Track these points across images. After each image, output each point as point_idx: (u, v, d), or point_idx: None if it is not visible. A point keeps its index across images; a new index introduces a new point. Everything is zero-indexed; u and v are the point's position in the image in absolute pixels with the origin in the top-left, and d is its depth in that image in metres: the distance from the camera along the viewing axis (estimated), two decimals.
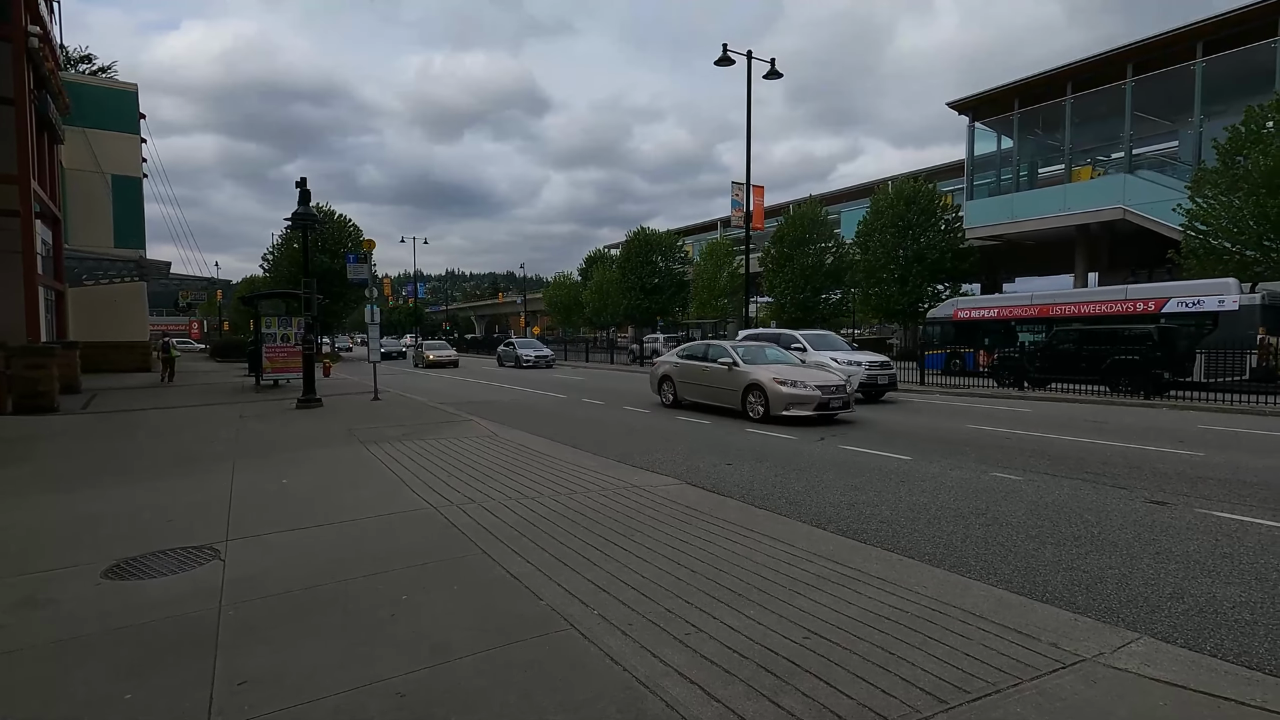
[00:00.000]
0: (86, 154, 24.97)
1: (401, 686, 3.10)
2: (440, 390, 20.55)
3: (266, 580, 4.46)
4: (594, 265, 61.79)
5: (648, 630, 3.65)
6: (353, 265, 15.90)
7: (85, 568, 4.73)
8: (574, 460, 8.67)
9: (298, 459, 8.63)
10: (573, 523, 5.74)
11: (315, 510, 6.19)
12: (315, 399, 14.33)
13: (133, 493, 6.94)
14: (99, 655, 3.47)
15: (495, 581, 4.41)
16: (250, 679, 3.18)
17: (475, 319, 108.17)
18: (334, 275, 37.55)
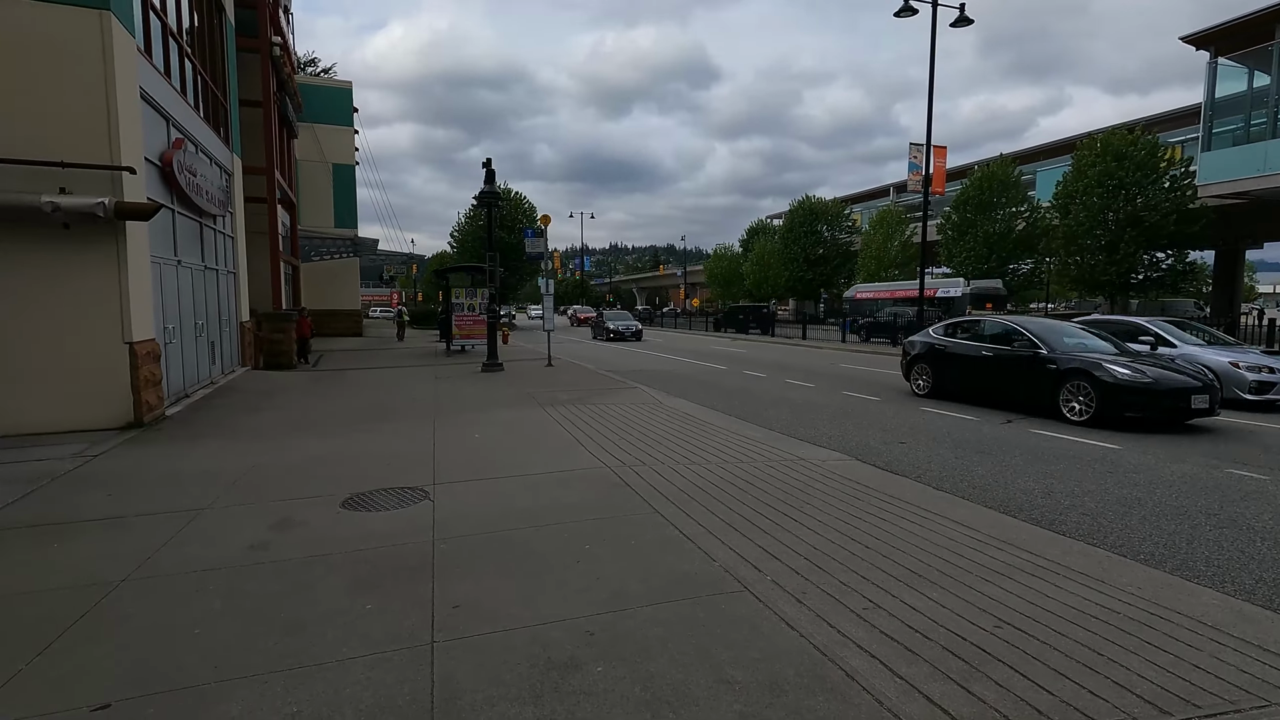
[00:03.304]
0: (313, 146, 28.76)
1: (588, 626, 3.36)
2: (605, 359, 21.46)
3: (467, 521, 5.00)
4: (755, 236, 60.72)
5: (823, 601, 3.63)
6: (530, 240, 16.97)
7: (326, 499, 5.59)
8: (737, 430, 8.71)
9: (486, 417, 9.49)
10: (741, 490, 5.79)
11: (503, 463, 6.80)
12: (497, 364, 15.60)
13: (355, 438, 8.04)
14: (341, 571, 4.11)
15: (668, 540, 4.59)
16: (461, 604, 3.61)
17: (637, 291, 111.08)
18: (510, 249, 40.32)
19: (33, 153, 7.80)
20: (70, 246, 8.16)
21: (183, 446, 7.65)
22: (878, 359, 21.14)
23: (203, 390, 11.92)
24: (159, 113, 10.23)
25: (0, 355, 7.94)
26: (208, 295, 12.89)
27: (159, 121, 10.29)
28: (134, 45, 8.89)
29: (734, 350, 25.19)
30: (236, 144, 15.68)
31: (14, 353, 8.00)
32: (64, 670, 3.02)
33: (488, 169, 15.40)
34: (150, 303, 9.29)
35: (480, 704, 2.72)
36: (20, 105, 7.78)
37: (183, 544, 4.56)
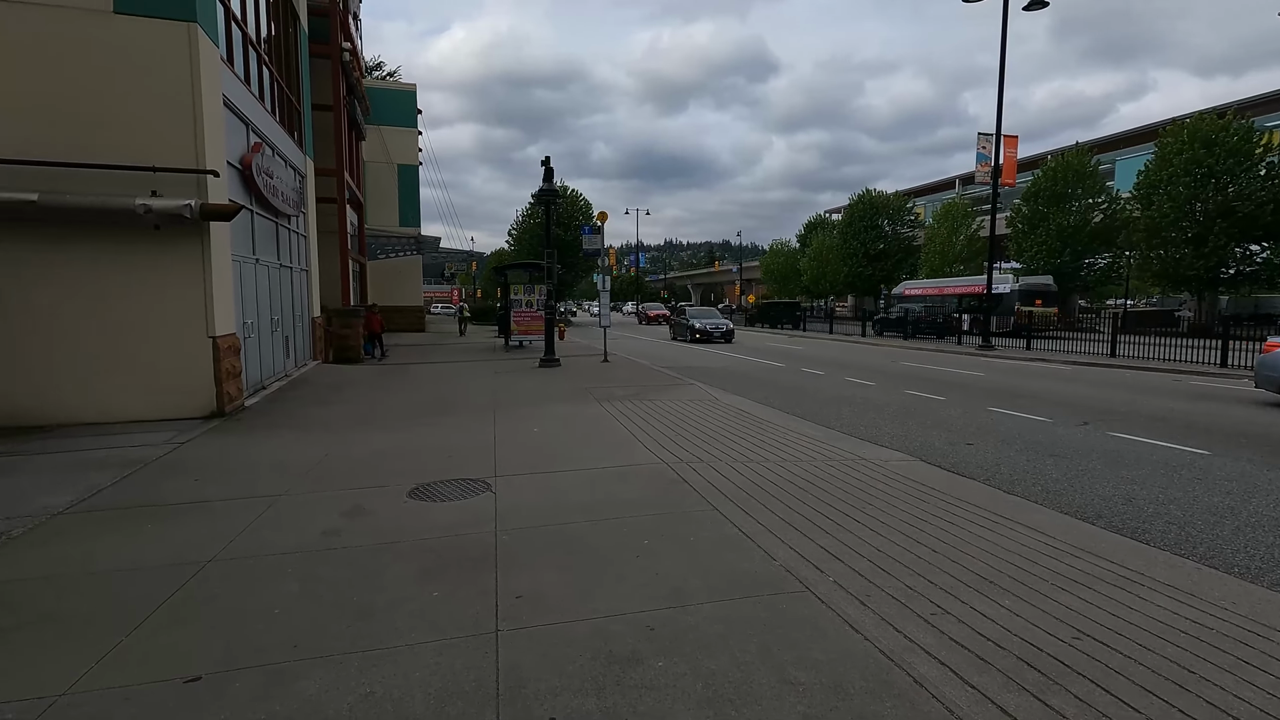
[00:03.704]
0: (379, 147, 29.74)
1: (649, 621, 3.37)
2: (660, 355, 21.47)
3: (527, 513, 5.08)
4: (813, 232, 59.59)
5: (888, 604, 3.54)
6: (587, 236, 17.10)
7: (393, 489, 5.78)
8: (796, 428, 8.58)
9: (544, 412, 9.63)
10: (800, 489, 5.71)
11: (562, 457, 6.89)
12: (554, 359, 15.81)
13: (419, 431, 8.29)
14: (408, 559, 4.25)
15: (727, 538, 4.56)
16: (523, 595, 3.68)
17: (691, 287, 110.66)
18: (567, 246, 40.79)
19: (128, 158, 8.32)
20: (160, 246, 8.67)
21: (260, 436, 8.04)
22: (941, 356, 20.45)
23: (278, 383, 12.50)
24: (239, 118, 10.76)
25: (100, 349, 8.53)
26: (283, 292, 13.50)
27: (239, 126, 10.82)
28: (218, 55, 9.37)
29: (791, 347, 24.82)
30: (309, 146, 16.35)
31: (112, 346, 8.57)
32: (159, 643, 3.22)
33: (546, 167, 15.59)
34: (231, 299, 9.80)
35: (544, 693, 2.77)
36: (117, 114, 8.31)
37: (262, 529, 4.80)
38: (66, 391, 8.45)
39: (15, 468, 6.52)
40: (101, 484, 5.93)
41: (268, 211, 12.31)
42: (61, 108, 8.12)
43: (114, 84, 8.30)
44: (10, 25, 7.92)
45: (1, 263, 8.12)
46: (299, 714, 2.65)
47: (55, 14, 8.05)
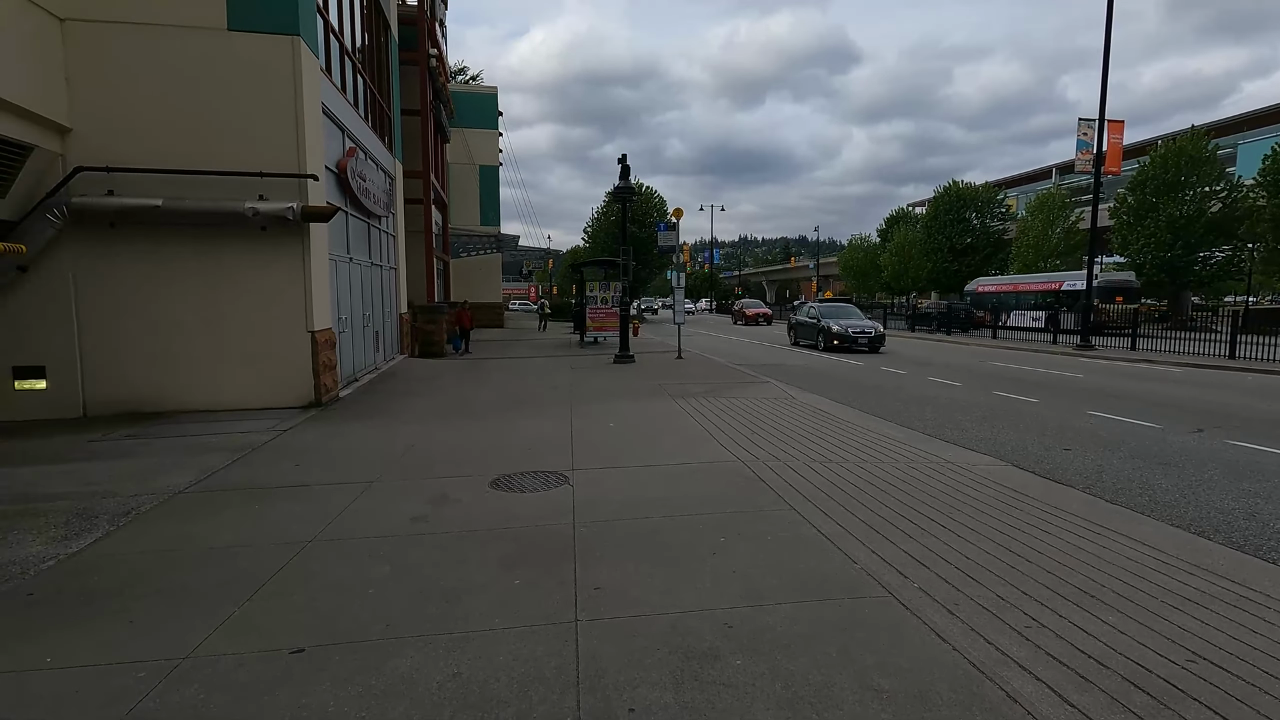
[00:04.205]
0: (462, 149, 30.77)
1: (726, 619, 3.36)
2: (735, 352, 21.27)
3: (605, 507, 5.16)
4: (895, 226, 57.49)
5: (978, 614, 3.39)
6: (663, 233, 17.15)
7: (475, 479, 5.99)
8: (876, 429, 8.33)
9: (619, 407, 9.73)
10: (882, 491, 5.54)
11: (637, 452, 6.95)
12: (629, 355, 15.94)
13: (499, 423, 8.54)
14: (490, 546, 4.39)
15: (805, 539, 4.49)
16: (602, 587, 3.74)
17: (766, 284, 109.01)
18: (641, 243, 41.00)
19: (239, 165, 8.95)
20: (265, 246, 9.29)
21: (354, 425, 8.50)
22: (1034, 356, 19.34)
23: (368, 375, 13.16)
24: (335, 124, 11.37)
25: (211, 342, 9.23)
26: (374, 289, 14.20)
27: (336, 132, 11.44)
28: (318, 66, 9.94)
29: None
30: (398, 150, 17.10)
31: (221, 340, 9.25)
32: (267, 615, 3.47)
33: (623, 165, 15.72)
34: (328, 295, 10.39)
35: (623, 685, 2.81)
36: (229, 124, 8.96)
37: (357, 512, 5.08)
38: (181, 381, 9.18)
39: (142, 450, 7.15)
40: (215, 466, 6.42)
41: (360, 212, 12.96)
42: (181, 120, 8.82)
43: (227, 96, 8.94)
44: (138, 47, 8.66)
45: (129, 262, 8.90)
46: (393, 690, 2.79)
47: (177, 33, 8.75)
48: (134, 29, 8.64)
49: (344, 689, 2.79)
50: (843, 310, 23.44)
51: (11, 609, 3.57)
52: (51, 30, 8.26)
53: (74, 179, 8.45)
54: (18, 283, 8.58)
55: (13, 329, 8.64)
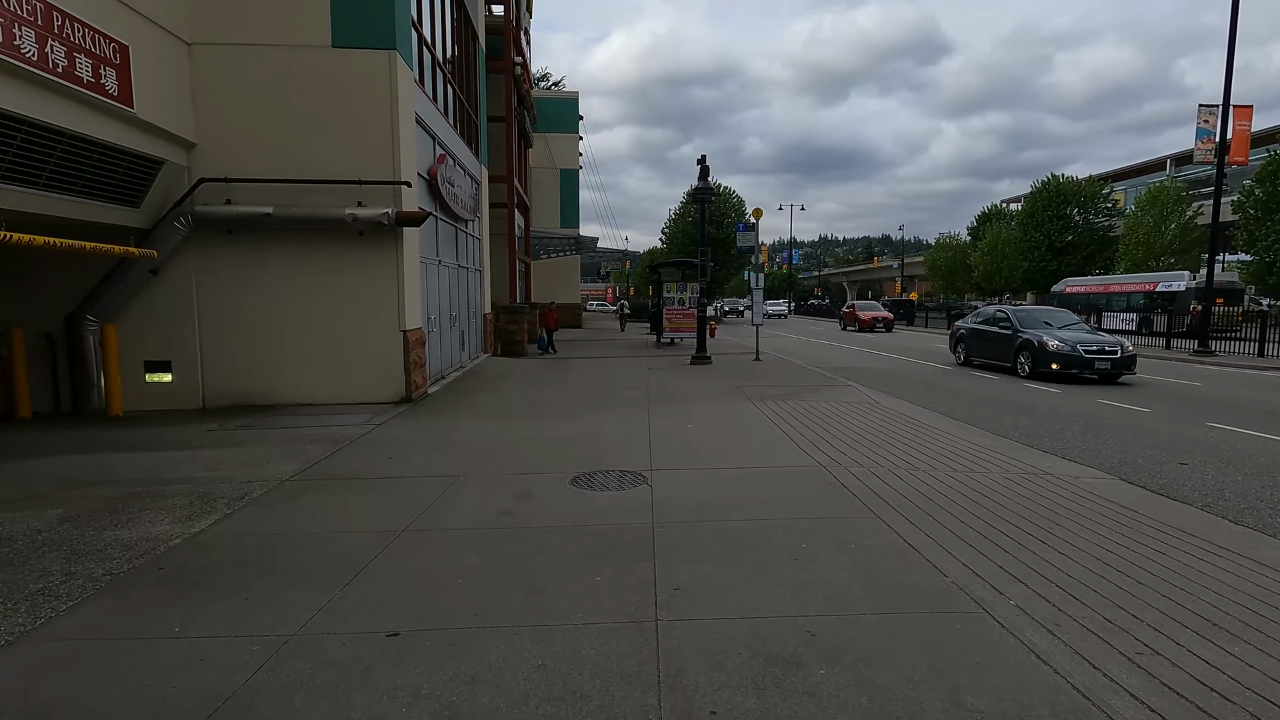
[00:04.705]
0: (544, 153, 31.52)
1: (808, 626, 3.30)
2: (813, 354, 20.82)
3: (683, 508, 5.17)
4: (986, 223, 54.73)
5: (1082, 637, 3.19)
6: (741, 234, 17.00)
7: (556, 475, 6.12)
8: (965, 436, 7.96)
9: (696, 408, 9.71)
10: (973, 502, 5.29)
11: (715, 454, 6.92)
12: (706, 357, 15.89)
13: (579, 421, 8.70)
14: (571, 542, 4.49)
15: (891, 548, 4.34)
16: (681, 587, 3.75)
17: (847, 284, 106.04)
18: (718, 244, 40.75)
19: (340, 173, 9.51)
20: (362, 250, 9.82)
21: (442, 420, 8.86)
22: (1146, 363, 17.95)
23: (454, 373, 13.69)
24: (427, 132, 11.89)
25: (313, 340, 9.84)
26: (460, 290, 14.76)
27: (427, 140, 11.96)
28: (412, 77, 10.43)
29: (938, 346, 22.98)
30: (484, 155, 17.70)
31: (322, 338, 9.85)
32: (365, 599, 3.67)
33: (702, 165, 15.68)
34: (419, 296, 10.88)
35: (704, 686, 2.81)
36: (331, 134, 9.53)
37: (446, 505, 5.30)
38: (286, 376, 9.83)
39: (253, 439, 7.72)
40: (317, 457, 6.85)
41: (449, 217, 13.49)
42: (289, 131, 9.46)
43: (330, 108, 9.51)
44: (253, 65, 9.34)
45: (242, 265, 9.62)
46: (481, 676, 2.90)
47: (287, 52, 9.38)
48: (250, 49, 9.32)
49: (436, 673, 2.92)
50: (1053, 317, 15.76)
51: (145, 582, 3.93)
52: (181, 54, 9.04)
53: (198, 189, 9.22)
54: (149, 285, 9.43)
55: (144, 327, 9.51)
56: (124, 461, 6.73)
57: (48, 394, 9.43)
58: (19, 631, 3.33)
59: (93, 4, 7.29)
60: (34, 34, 6.40)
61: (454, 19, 14.58)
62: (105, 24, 7.40)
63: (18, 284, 9.21)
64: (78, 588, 3.83)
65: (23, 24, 6.28)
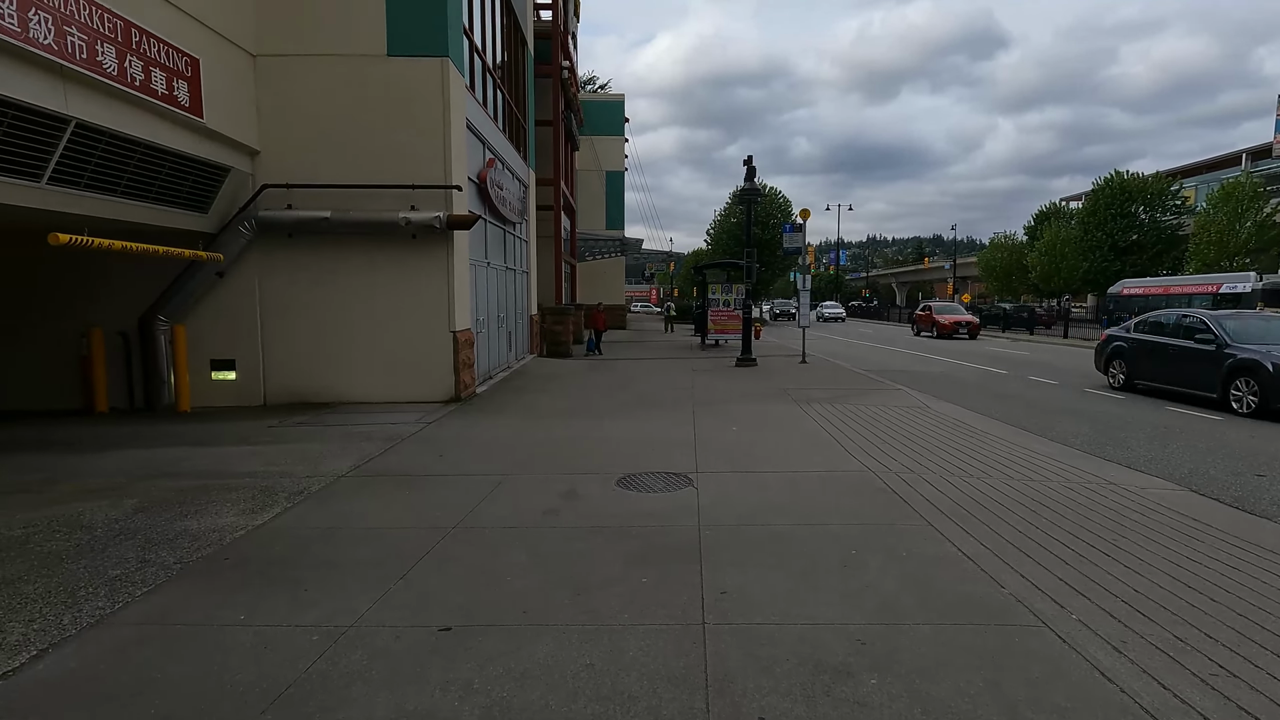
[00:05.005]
0: (590, 156, 31.78)
1: (859, 634, 3.25)
2: (861, 357, 20.44)
3: (729, 511, 5.14)
4: (1044, 223, 52.73)
5: (1150, 655, 3.05)
6: (788, 234, 16.82)
7: (602, 476, 6.16)
8: (1023, 443, 7.70)
9: (742, 410, 9.65)
10: (1031, 511, 5.11)
11: (761, 457, 6.86)
12: (751, 359, 15.76)
13: (624, 422, 8.73)
14: (617, 543, 4.51)
15: (944, 557, 4.23)
16: (728, 591, 3.74)
17: (896, 286, 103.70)
18: (763, 245, 40.39)
19: (394, 178, 9.78)
20: (414, 253, 10.08)
21: (490, 420, 9.02)
22: None
23: (501, 373, 13.91)
24: (477, 137, 12.12)
25: (366, 340, 10.13)
26: (507, 292, 14.99)
27: (477, 145, 12.19)
28: (463, 84, 10.66)
29: (1014, 353, 22.24)
30: (532, 159, 17.94)
31: (375, 338, 10.14)
32: (418, 593, 3.76)
33: (749, 166, 15.57)
34: (469, 298, 11.10)
35: (751, 692, 2.79)
36: (386, 140, 9.81)
37: (494, 503, 5.39)
38: (341, 375, 10.15)
39: (311, 436, 7.99)
40: (371, 454, 7.05)
41: (497, 219, 13.72)
42: (346, 138, 9.77)
43: (384, 115, 9.79)
44: (312, 75, 9.69)
45: (300, 268, 9.97)
46: (530, 673, 2.94)
47: (344, 61, 9.70)
48: (309, 60, 9.67)
49: (487, 668, 2.98)
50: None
51: (214, 570, 4.12)
52: (246, 66, 9.43)
53: (261, 195, 9.60)
54: (215, 286, 9.87)
55: (211, 327, 9.95)
56: (192, 455, 7.06)
57: (123, 390, 9.96)
58: (100, 614, 3.53)
59: (168, 20, 7.68)
60: (114, 50, 6.78)
61: (503, 25, 14.83)
62: (179, 39, 7.78)
63: (97, 286, 9.76)
64: (151, 574, 4.03)
65: (105, 41, 6.65)
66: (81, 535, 4.70)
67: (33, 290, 9.85)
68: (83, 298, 9.78)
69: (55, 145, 6.60)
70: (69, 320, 9.72)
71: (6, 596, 3.74)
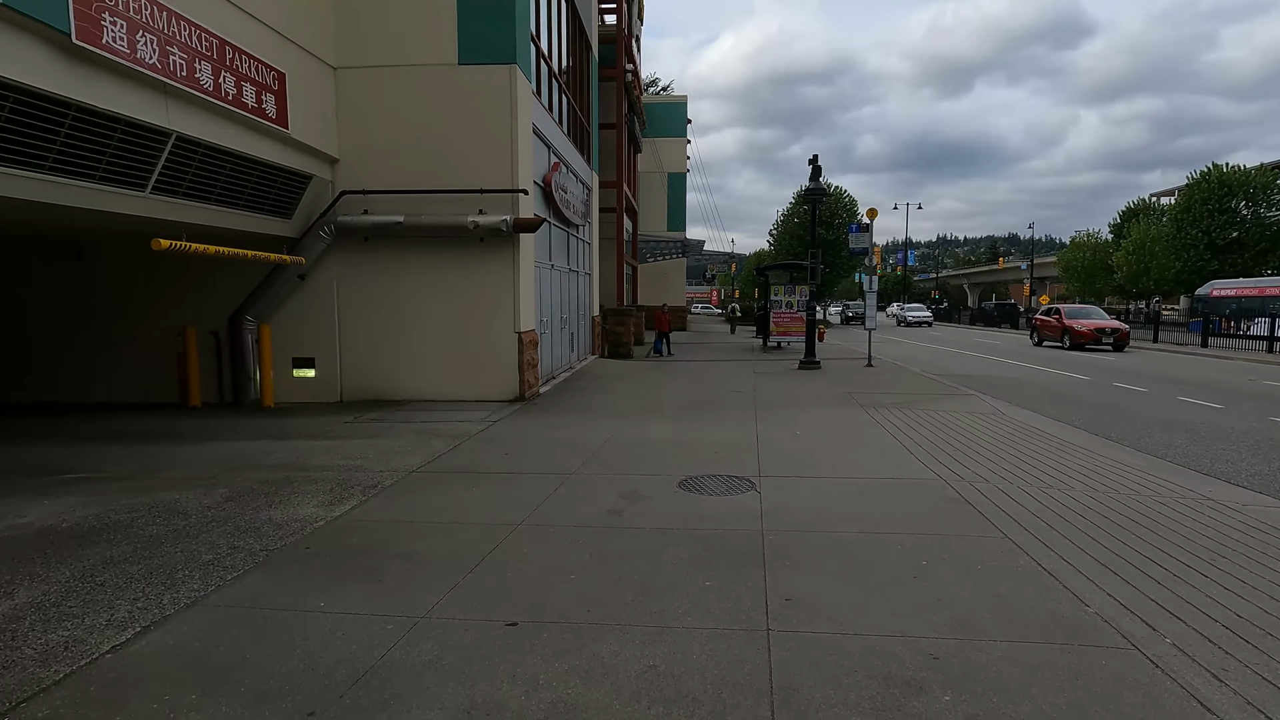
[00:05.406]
0: (652, 158, 31.88)
1: (931, 649, 3.14)
2: (930, 361, 19.75)
3: (794, 516, 5.06)
4: (1133, 219, 49.72)
5: (1255, 685, 2.83)
6: (854, 234, 16.42)
7: (664, 478, 6.17)
8: (1109, 454, 7.27)
9: (806, 414, 9.48)
10: (1118, 526, 4.83)
11: (826, 463, 6.72)
12: (815, 362, 15.47)
13: (685, 424, 8.72)
14: (679, 545, 4.50)
15: (1023, 571, 4.05)
16: (793, 599, 3.68)
17: (968, 287, 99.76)
18: (828, 245, 39.59)
19: (464, 183, 10.07)
20: (481, 255, 10.34)
21: (553, 419, 9.17)
22: None
23: (564, 374, 14.11)
24: (542, 141, 12.34)
25: (435, 340, 10.46)
26: (570, 293, 15.20)
27: (542, 149, 12.41)
28: (530, 89, 10.87)
29: (1098, 359, 21.05)
30: (595, 162, 18.14)
31: (443, 338, 10.46)
32: (486, 587, 3.86)
33: (814, 165, 15.30)
34: (533, 299, 11.31)
35: (819, 702, 2.73)
36: (455, 146, 10.11)
37: (559, 501, 5.48)
38: (411, 374, 10.52)
39: (384, 432, 8.31)
40: (440, 450, 7.28)
41: (561, 222, 13.93)
42: (418, 145, 10.12)
43: (454, 122, 10.10)
44: (387, 85, 10.08)
45: (374, 270, 10.38)
46: (595, 672, 2.97)
47: (418, 71, 10.06)
48: (385, 70, 10.07)
49: (553, 664, 3.03)
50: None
51: (295, 559, 4.33)
52: (328, 78, 9.90)
53: (339, 201, 10.06)
54: (297, 289, 10.39)
55: (293, 327, 10.48)
56: (275, 449, 7.45)
57: (213, 386, 10.61)
58: (195, 596, 3.77)
59: (258, 37, 8.14)
60: (210, 66, 7.23)
61: (569, 31, 15.05)
62: (268, 55, 8.23)
63: (191, 288, 10.43)
64: (240, 560, 4.28)
65: (202, 58, 7.10)
66: (178, 521, 5.03)
67: (135, 292, 10.61)
68: (179, 299, 10.48)
69: (158, 157, 7.09)
70: (168, 320, 10.43)
71: (115, 576, 4.04)
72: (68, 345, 10.88)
